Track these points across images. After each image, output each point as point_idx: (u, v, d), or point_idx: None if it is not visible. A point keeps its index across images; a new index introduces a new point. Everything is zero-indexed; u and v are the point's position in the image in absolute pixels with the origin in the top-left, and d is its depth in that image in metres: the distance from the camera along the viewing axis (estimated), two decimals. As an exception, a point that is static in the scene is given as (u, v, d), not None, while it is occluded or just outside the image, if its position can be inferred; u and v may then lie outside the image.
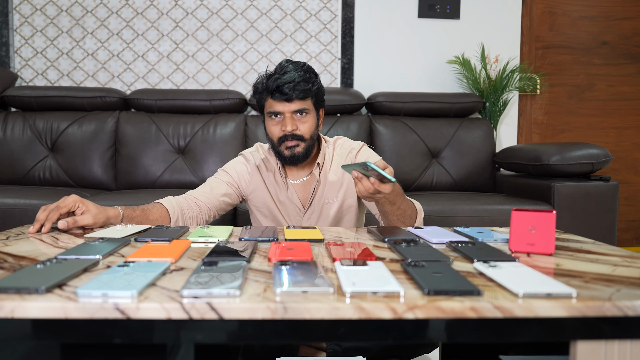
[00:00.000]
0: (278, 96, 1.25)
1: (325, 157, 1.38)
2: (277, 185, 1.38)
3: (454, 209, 1.92)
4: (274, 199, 1.38)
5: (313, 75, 1.30)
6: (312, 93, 1.28)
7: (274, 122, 1.30)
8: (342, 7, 2.74)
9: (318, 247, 0.87)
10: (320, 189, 1.36)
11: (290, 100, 1.25)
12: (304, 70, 1.27)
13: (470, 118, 2.58)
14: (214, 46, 2.74)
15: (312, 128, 1.30)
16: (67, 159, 2.38)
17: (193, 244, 0.87)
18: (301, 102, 1.27)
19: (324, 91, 1.35)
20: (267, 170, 1.39)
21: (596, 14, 2.90)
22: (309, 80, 1.27)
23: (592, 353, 0.55)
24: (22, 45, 2.69)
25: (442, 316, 0.53)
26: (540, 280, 0.60)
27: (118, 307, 0.51)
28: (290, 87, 1.23)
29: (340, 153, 1.41)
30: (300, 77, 1.24)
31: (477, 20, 2.80)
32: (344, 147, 1.42)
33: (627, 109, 2.97)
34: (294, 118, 1.28)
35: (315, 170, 1.35)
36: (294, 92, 1.23)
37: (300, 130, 1.28)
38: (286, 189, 1.36)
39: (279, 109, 1.27)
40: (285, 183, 1.36)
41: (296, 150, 1.28)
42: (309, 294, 0.55)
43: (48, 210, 0.98)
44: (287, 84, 1.23)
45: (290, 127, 1.26)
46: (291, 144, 1.28)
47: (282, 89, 1.24)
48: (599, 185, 1.94)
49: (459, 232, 1.01)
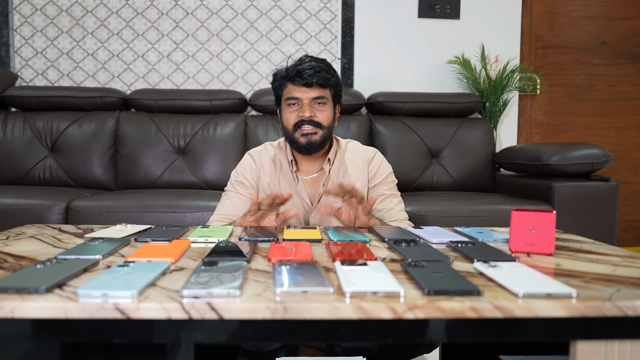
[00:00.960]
0: (298, 80, 1.27)
1: (336, 155, 1.39)
2: (286, 180, 1.37)
3: (454, 209, 1.92)
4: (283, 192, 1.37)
5: (333, 69, 1.33)
6: (331, 83, 1.30)
7: (291, 110, 1.31)
8: (342, 7, 2.74)
9: (318, 247, 0.87)
10: (327, 185, 1.35)
11: (310, 85, 1.27)
12: (324, 63, 1.31)
13: (470, 118, 2.58)
14: (214, 46, 2.74)
15: (329, 118, 1.32)
16: (67, 159, 2.38)
17: (193, 244, 0.87)
18: (321, 89, 1.29)
19: (341, 88, 1.37)
20: (275, 166, 1.38)
21: (596, 14, 2.90)
22: (329, 71, 1.30)
23: (592, 353, 0.55)
24: (22, 45, 2.69)
25: (442, 316, 0.53)
26: (540, 280, 0.60)
27: (118, 307, 0.51)
28: (310, 73, 1.25)
29: (352, 157, 1.40)
30: (320, 67, 1.28)
31: (477, 20, 2.80)
32: (357, 151, 1.42)
33: (627, 109, 2.97)
34: (312, 105, 1.29)
35: (326, 166, 1.35)
36: (314, 77, 1.26)
37: (318, 118, 1.29)
38: (296, 183, 1.36)
39: (298, 95, 1.28)
40: (295, 178, 1.36)
41: (313, 138, 1.28)
42: (309, 294, 0.55)
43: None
44: (307, 70, 1.26)
45: (308, 112, 1.27)
46: (308, 130, 1.28)
47: (302, 74, 1.26)
48: (599, 185, 1.94)
49: (459, 232, 1.01)
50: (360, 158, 1.40)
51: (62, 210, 1.86)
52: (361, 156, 1.41)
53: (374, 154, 1.43)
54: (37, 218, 1.82)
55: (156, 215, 1.83)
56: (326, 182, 1.35)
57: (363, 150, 1.43)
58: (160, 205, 1.85)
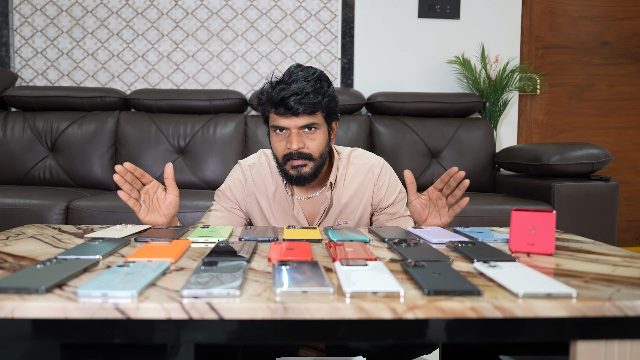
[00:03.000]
0: (282, 111, 1.10)
1: (338, 175, 1.25)
2: (279, 206, 1.25)
3: (454, 209, 1.92)
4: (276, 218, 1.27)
5: (325, 84, 1.14)
6: (322, 106, 1.12)
7: (278, 138, 1.15)
8: (342, 7, 2.74)
9: (318, 247, 0.87)
10: (332, 212, 1.25)
11: (297, 114, 1.09)
12: (314, 79, 1.11)
13: (470, 118, 2.58)
14: (214, 46, 2.74)
15: (321, 145, 1.15)
16: (67, 159, 2.38)
17: (193, 244, 0.87)
18: (309, 116, 1.11)
19: (337, 101, 1.19)
20: (267, 188, 1.26)
21: (596, 14, 2.90)
22: (319, 91, 1.11)
23: (592, 353, 0.55)
24: (22, 45, 2.69)
25: (442, 316, 0.53)
26: (540, 280, 0.60)
27: (118, 307, 0.51)
28: (296, 100, 1.07)
29: (357, 169, 1.27)
30: (309, 87, 1.09)
31: (477, 20, 2.80)
32: (363, 163, 1.28)
33: (627, 109, 2.97)
34: (300, 134, 1.12)
35: (327, 192, 1.23)
36: (301, 105, 1.08)
37: (309, 148, 1.13)
38: (292, 208, 1.24)
39: (284, 124, 1.12)
40: (291, 202, 1.24)
41: (303, 171, 1.14)
42: (309, 294, 0.55)
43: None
44: (293, 96, 1.07)
45: (296, 144, 1.11)
46: (297, 163, 1.13)
47: (287, 103, 1.08)
48: (599, 185, 1.94)
49: (459, 232, 1.01)
50: (366, 175, 1.27)
51: (62, 210, 1.86)
52: (366, 172, 1.28)
53: (380, 170, 1.28)
54: (37, 218, 1.82)
55: (156, 215, 1.83)
56: (327, 209, 1.24)
57: (369, 166, 1.28)
58: (160, 205, 1.85)
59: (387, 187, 1.28)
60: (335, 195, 1.25)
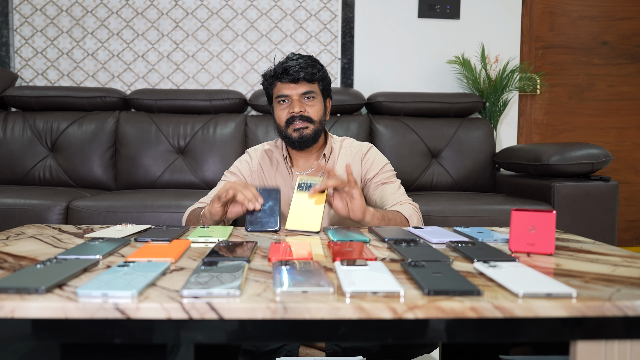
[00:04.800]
0: (285, 77, 1.29)
1: (332, 151, 1.41)
2: (281, 176, 1.39)
3: (454, 209, 1.92)
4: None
5: (319, 64, 1.34)
6: (318, 77, 1.32)
7: (281, 107, 1.33)
8: (342, 7, 2.74)
9: (318, 247, 0.87)
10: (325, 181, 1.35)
11: (297, 81, 1.29)
12: (311, 59, 1.33)
13: (470, 118, 2.58)
14: (214, 46, 2.74)
15: (320, 112, 1.34)
16: (67, 159, 2.38)
17: (193, 244, 0.87)
18: (308, 84, 1.31)
19: (330, 82, 1.39)
20: (272, 163, 1.41)
21: (596, 14, 2.90)
22: (315, 66, 1.32)
23: (592, 353, 0.55)
24: (22, 45, 2.69)
25: (442, 316, 0.53)
26: (540, 280, 0.60)
27: (118, 307, 0.51)
28: (296, 69, 1.28)
29: (347, 152, 1.42)
30: (306, 62, 1.30)
31: (477, 20, 2.80)
32: (352, 147, 1.44)
33: (627, 109, 2.97)
34: (301, 101, 1.31)
35: (321, 161, 1.38)
36: (300, 72, 1.28)
37: (309, 112, 1.31)
38: (291, 178, 1.38)
39: (287, 92, 1.31)
40: (290, 173, 1.38)
41: (305, 132, 1.31)
42: (309, 294, 0.55)
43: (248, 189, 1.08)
44: (293, 67, 1.28)
45: (298, 108, 1.29)
46: (299, 125, 1.30)
47: (289, 71, 1.28)
48: (599, 185, 1.94)
49: (459, 232, 1.01)
50: (355, 153, 1.42)
51: (62, 210, 1.86)
52: (356, 151, 1.43)
53: (368, 148, 1.44)
54: (37, 218, 1.82)
55: (156, 215, 1.83)
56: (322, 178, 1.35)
57: (358, 146, 1.44)
58: (160, 205, 1.85)
59: (373, 160, 1.41)
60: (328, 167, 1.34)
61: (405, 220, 1.24)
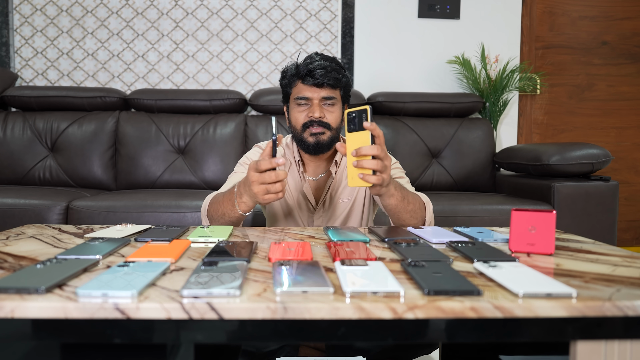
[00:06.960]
0: (309, 80, 1.24)
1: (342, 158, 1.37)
2: (292, 178, 1.35)
3: (454, 209, 1.92)
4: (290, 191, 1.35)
5: (343, 69, 1.30)
6: (342, 84, 1.28)
7: (300, 109, 1.28)
8: (342, 7, 2.74)
9: (318, 247, 0.87)
10: (334, 187, 1.34)
11: (321, 86, 1.24)
12: (335, 62, 1.28)
13: (470, 118, 2.58)
14: (214, 46, 2.74)
15: (338, 119, 1.29)
16: (67, 159, 2.38)
17: (193, 244, 0.87)
18: (331, 90, 1.26)
19: (351, 87, 1.36)
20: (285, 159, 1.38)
21: (596, 14, 2.90)
22: (340, 71, 1.27)
23: (592, 353, 0.55)
24: (22, 45, 2.69)
25: (442, 316, 0.53)
26: (540, 280, 0.60)
27: (118, 307, 0.51)
28: (322, 73, 1.23)
29: None
30: (331, 66, 1.25)
31: (477, 20, 2.80)
32: None
33: (627, 109, 2.97)
34: (321, 105, 1.26)
35: (332, 169, 1.33)
36: (326, 77, 1.23)
37: (327, 119, 1.26)
38: (302, 183, 1.34)
39: (308, 95, 1.25)
40: (302, 177, 1.34)
41: (321, 138, 1.26)
42: (309, 294, 0.55)
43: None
44: (319, 70, 1.23)
45: (318, 113, 1.24)
46: (316, 130, 1.25)
47: (314, 73, 1.23)
48: (599, 185, 1.94)
49: (459, 232, 1.01)
50: None
51: (62, 210, 1.86)
52: None
53: None
54: (37, 218, 1.82)
55: (156, 215, 1.83)
56: (332, 185, 1.34)
57: None
58: (160, 205, 1.85)
59: None
60: (337, 176, 1.35)
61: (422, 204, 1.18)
